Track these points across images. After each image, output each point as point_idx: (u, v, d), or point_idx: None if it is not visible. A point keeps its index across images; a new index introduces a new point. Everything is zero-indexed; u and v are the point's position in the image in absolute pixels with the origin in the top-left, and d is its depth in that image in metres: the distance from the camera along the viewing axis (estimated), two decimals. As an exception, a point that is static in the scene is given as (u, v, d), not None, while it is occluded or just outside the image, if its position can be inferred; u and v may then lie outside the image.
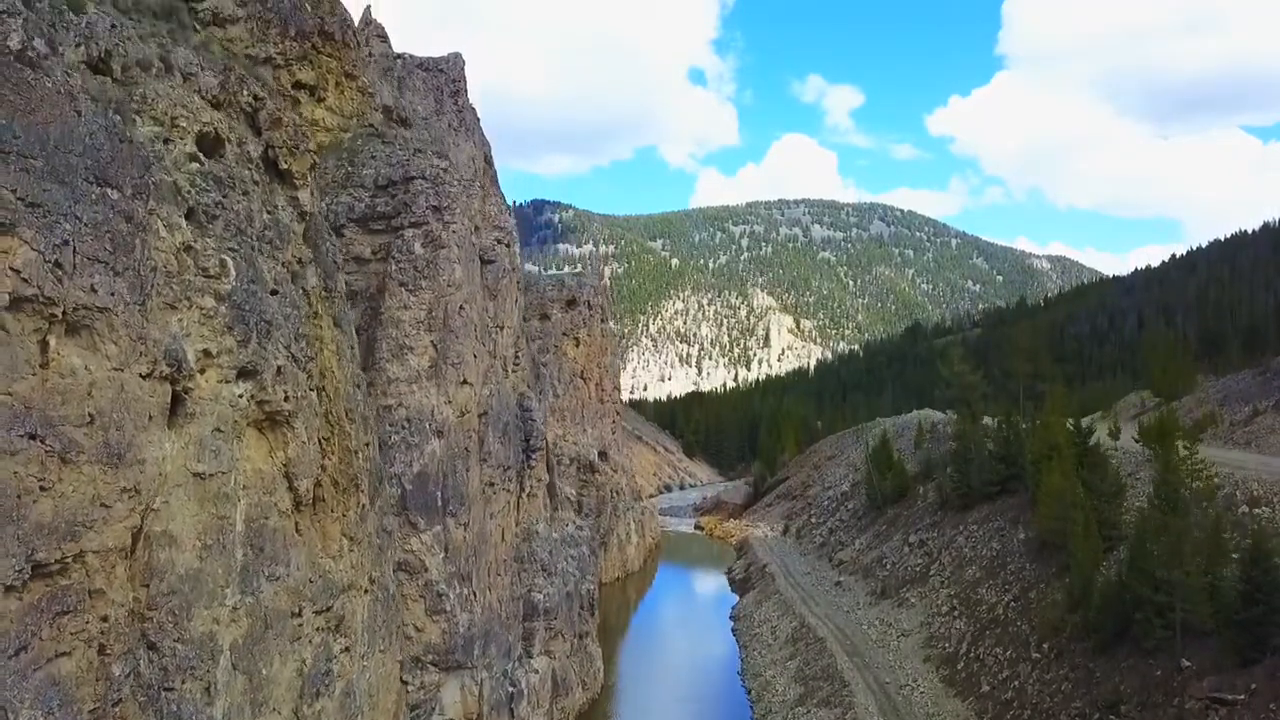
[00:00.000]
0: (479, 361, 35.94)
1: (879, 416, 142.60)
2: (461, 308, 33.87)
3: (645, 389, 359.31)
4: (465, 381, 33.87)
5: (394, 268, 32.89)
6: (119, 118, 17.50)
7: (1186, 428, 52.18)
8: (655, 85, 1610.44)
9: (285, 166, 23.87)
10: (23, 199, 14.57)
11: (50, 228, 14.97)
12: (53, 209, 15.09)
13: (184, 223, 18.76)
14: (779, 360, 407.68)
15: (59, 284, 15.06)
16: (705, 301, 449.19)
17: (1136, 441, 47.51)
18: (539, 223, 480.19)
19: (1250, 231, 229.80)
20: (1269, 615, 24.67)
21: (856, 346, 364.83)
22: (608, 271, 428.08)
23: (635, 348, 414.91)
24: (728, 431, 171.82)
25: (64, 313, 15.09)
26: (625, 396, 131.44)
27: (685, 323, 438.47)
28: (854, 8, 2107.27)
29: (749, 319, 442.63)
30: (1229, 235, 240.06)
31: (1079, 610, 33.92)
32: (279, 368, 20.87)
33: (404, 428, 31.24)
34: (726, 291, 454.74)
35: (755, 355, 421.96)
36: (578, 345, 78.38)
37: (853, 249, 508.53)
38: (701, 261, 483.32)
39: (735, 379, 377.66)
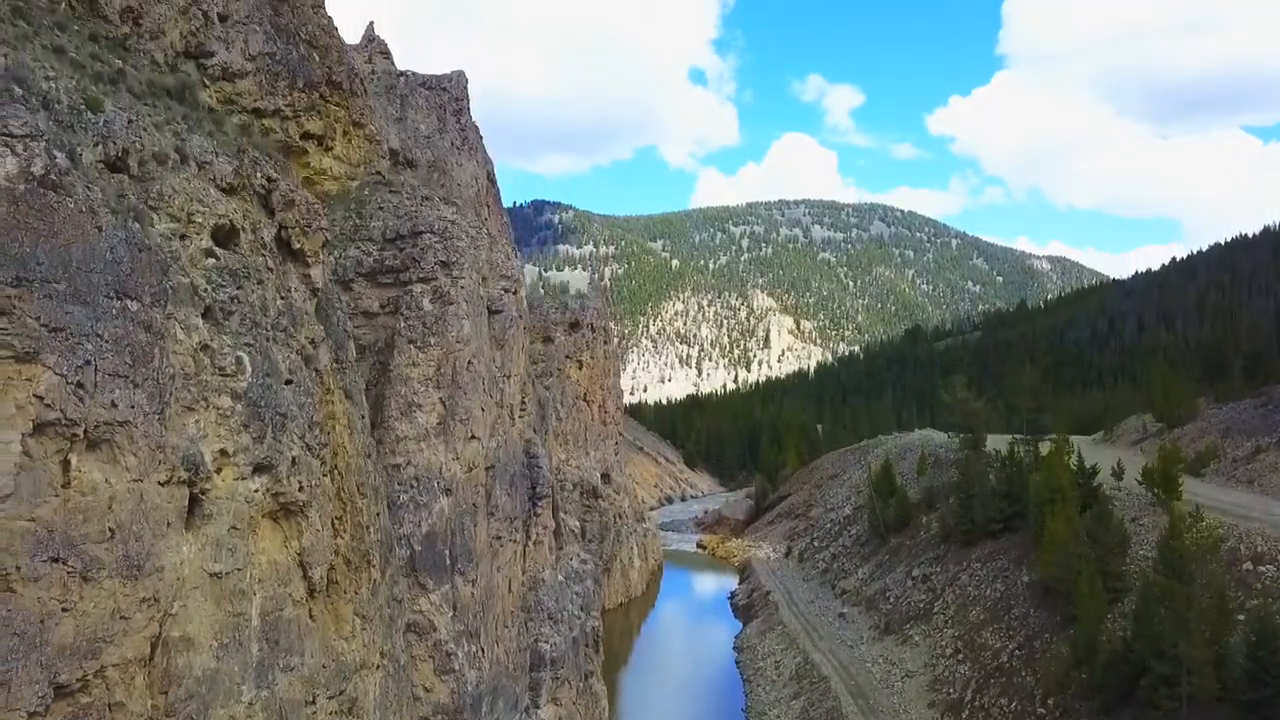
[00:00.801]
0: (486, 414, 35.97)
1: (879, 422, 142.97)
2: (470, 363, 33.88)
3: (645, 390, 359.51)
4: (473, 437, 33.91)
5: (402, 324, 32.89)
6: (138, 225, 17.43)
7: (1189, 460, 52.22)
8: (655, 85, 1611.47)
9: (298, 246, 23.85)
10: (46, 325, 14.52)
11: (72, 350, 14.92)
12: (75, 330, 15.04)
13: (201, 323, 18.70)
14: (779, 361, 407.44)
15: (80, 404, 15.03)
16: (705, 302, 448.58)
17: (1140, 483, 47.40)
18: (539, 223, 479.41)
19: (1250, 235, 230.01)
20: (1276, 698, 24.80)
21: (856, 348, 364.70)
22: (608, 273, 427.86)
23: (635, 349, 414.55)
24: (728, 440, 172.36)
25: (85, 431, 15.10)
26: (625, 399, 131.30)
27: (685, 324, 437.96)
28: (854, 8, 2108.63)
29: (749, 320, 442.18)
30: (1229, 239, 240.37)
31: (1084, 667, 34.01)
32: (294, 459, 20.85)
33: (412, 486, 31.27)
34: (726, 292, 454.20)
35: (755, 356, 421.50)
36: (580, 368, 78.39)
37: (853, 249, 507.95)
38: (701, 262, 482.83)
39: (735, 380, 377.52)
